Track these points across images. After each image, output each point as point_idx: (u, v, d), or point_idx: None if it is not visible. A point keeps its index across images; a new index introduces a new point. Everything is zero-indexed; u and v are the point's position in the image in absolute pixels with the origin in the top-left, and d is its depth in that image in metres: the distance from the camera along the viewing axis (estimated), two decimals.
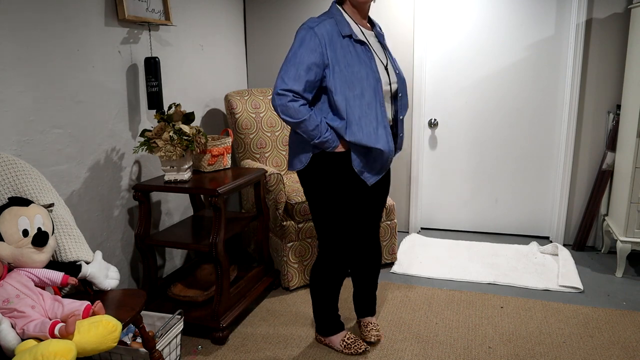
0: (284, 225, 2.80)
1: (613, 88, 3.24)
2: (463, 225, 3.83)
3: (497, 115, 3.58)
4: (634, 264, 3.19)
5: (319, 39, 1.83)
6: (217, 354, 2.28)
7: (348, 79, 1.86)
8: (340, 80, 1.86)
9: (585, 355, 2.22)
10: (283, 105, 1.85)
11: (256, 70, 3.86)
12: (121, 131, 2.53)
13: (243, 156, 3.26)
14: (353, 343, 2.27)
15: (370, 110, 1.88)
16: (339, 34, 1.88)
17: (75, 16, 2.20)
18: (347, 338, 2.28)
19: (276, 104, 1.86)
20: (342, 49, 1.87)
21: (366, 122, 1.88)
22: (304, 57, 1.83)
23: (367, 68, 1.89)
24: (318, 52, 1.83)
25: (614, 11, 3.14)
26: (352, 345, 2.26)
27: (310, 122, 1.86)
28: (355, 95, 1.86)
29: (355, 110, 1.87)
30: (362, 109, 1.87)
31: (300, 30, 1.87)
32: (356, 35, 1.91)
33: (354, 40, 1.90)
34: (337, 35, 1.87)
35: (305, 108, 1.86)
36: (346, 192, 2.00)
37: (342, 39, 1.88)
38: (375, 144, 1.89)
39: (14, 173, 1.76)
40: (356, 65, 1.87)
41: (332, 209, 2.03)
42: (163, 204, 2.88)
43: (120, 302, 1.79)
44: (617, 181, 3.15)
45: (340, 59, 1.86)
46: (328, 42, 1.85)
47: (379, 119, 1.90)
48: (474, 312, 2.61)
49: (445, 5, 3.51)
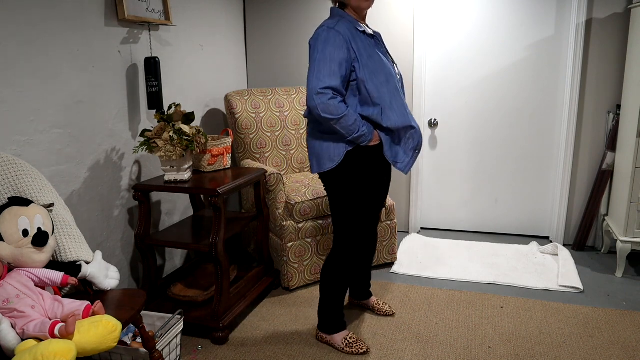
0: (284, 225, 2.80)
1: (613, 88, 3.24)
2: (463, 225, 3.83)
3: (497, 115, 3.58)
4: (634, 264, 3.19)
5: (342, 36, 1.92)
6: (217, 354, 2.28)
7: (373, 68, 1.96)
8: (368, 70, 1.96)
9: (585, 355, 2.22)
10: (324, 103, 1.90)
11: (256, 70, 3.86)
12: (121, 131, 2.53)
13: (243, 156, 3.26)
14: (355, 342, 2.27)
15: (397, 93, 2.01)
16: (356, 29, 1.99)
17: (75, 16, 2.20)
18: (350, 337, 2.29)
19: (316, 103, 1.91)
20: (362, 42, 1.98)
21: (397, 104, 2.00)
22: (333, 54, 1.91)
23: (384, 58, 2.01)
24: (345, 48, 1.92)
25: (614, 11, 3.14)
26: (354, 345, 2.26)
27: (350, 117, 1.95)
28: (381, 82, 1.97)
29: (386, 95, 1.98)
30: (391, 93, 1.99)
31: (321, 32, 1.95)
32: (367, 31, 2.04)
33: (367, 34, 2.02)
34: (355, 30, 1.98)
35: (344, 105, 1.95)
36: (373, 185, 2.11)
37: (359, 34, 1.99)
38: (411, 122, 2.02)
39: (14, 173, 1.76)
40: (375, 55, 1.99)
41: (360, 204, 2.11)
42: (163, 204, 2.88)
43: (120, 302, 1.79)
44: (617, 181, 3.15)
45: (362, 52, 1.96)
46: (351, 37, 1.95)
47: (404, 103, 2.03)
48: (474, 312, 2.61)
49: (445, 5, 3.51)
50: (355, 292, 2.63)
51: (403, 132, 2.04)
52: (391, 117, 2.00)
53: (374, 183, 2.11)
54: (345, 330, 2.32)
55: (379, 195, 2.17)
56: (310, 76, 1.92)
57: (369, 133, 2.00)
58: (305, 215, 2.82)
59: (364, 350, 2.25)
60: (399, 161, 2.08)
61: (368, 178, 2.09)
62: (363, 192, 2.10)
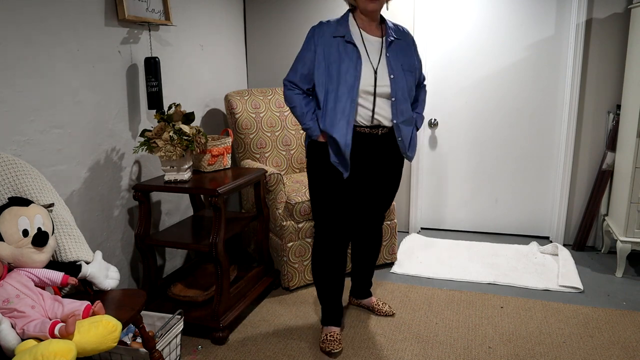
0: (284, 225, 2.80)
1: (613, 88, 3.24)
2: (463, 225, 3.83)
3: (497, 115, 3.58)
4: (634, 264, 3.19)
5: (314, 38, 2.09)
6: (217, 354, 2.28)
7: (331, 74, 2.06)
8: (324, 75, 2.08)
9: (585, 355, 2.22)
10: (284, 94, 2.17)
11: (256, 70, 3.86)
12: (121, 131, 2.53)
13: (243, 156, 3.26)
14: (329, 341, 2.27)
15: (339, 103, 2.05)
16: (331, 35, 2.08)
17: (75, 16, 2.20)
18: (331, 335, 2.29)
19: (283, 93, 2.19)
20: (332, 48, 2.07)
21: (334, 113, 2.06)
22: (301, 53, 2.13)
23: (351, 67, 2.04)
24: (311, 50, 2.09)
25: (614, 11, 3.14)
26: (327, 342, 2.27)
27: (298, 109, 2.13)
28: (332, 89, 2.06)
29: (330, 102, 2.07)
30: (334, 102, 2.06)
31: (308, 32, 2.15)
32: (350, 37, 2.07)
33: (346, 40, 2.07)
34: (330, 36, 2.08)
35: (299, 97, 2.14)
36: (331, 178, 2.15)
37: (333, 39, 2.08)
38: (331, 133, 2.06)
39: (14, 173, 1.76)
40: (341, 63, 2.05)
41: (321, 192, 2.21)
42: (163, 204, 2.88)
43: (120, 302, 1.79)
44: (617, 181, 3.15)
45: (327, 56, 2.07)
46: (322, 41, 2.07)
47: (346, 112, 2.06)
48: (474, 312, 2.61)
49: (445, 5, 3.51)
50: (354, 291, 2.64)
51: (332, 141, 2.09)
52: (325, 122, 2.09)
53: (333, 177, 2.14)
54: (335, 327, 2.33)
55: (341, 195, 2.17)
56: None
57: (314, 129, 2.12)
58: (305, 215, 2.82)
59: (329, 350, 2.24)
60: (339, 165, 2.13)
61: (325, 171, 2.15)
62: (320, 185, 2.20)
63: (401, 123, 2.15)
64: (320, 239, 2.26)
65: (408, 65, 2.15)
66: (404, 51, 2.16)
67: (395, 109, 2.11)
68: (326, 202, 2.20)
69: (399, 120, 2.14)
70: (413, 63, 2.18)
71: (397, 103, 2.11)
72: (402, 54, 2.14)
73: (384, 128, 2.15)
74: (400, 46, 2.15)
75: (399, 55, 2.13)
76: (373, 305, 2.60)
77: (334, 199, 2.18)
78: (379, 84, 2.07)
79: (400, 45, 2.16)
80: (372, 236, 2.49)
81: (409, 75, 2.15)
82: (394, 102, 2.10)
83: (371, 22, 2.13)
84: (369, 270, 2.58)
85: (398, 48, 2.14)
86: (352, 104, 2.05)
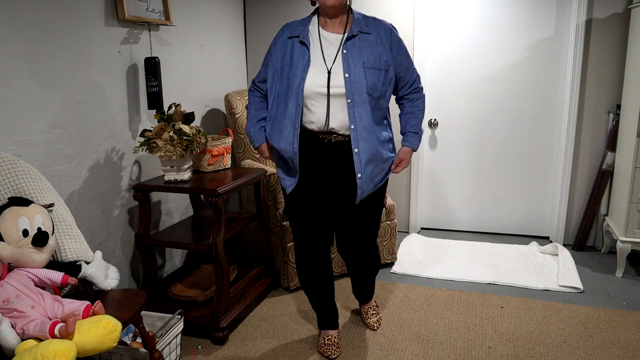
0: (284, 225, 2.80)
1: (613, 88, 3.24)
2: (463, 225, 3.83)
3: (497, 115, 3.58)
4: (634, 264, 3.19)
5: (275, 42, 2.03)
6: (217, 354, 2.28)
7: (281, 76, 1.98)
8: (273, 78, 2.01)
9: (585, 355, 2.22)
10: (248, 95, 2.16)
11: (256, 70, 3.86)
12: (121, 131, 2.53)
13: (243, 156, 3.26)
14: (327, 345, 2.25)
15: (284, 108, 1.97)
16: (288, 36, 2.01)
17: (75, 16, 2.20)
18: (328, 339, 2.27)
19: None
20: (285, 49, 1.99)
21: (281, 118, 1.98)
22: (265, 55, 2.08)
23: (299, 68, 1.94)
24: (270, 52, 2.05)
25: (614, 11, 3.14)
26: (326, 347, 2.25)
27: (248, 111, 2.12)
28: (279, 93, 1.99)
29: (277, 107, 2.00)
30: (279, 106, 1.99)
31: None
32: (305, 37, 1.97)
33: (300, 41, 1.97)
34: (286, 38, 2.01)
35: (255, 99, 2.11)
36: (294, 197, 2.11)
37: (287, 40, 2.00)
38: (276, 143, 2.01)
39: (14, 173, 1.76)
40: (292, 65, 1.96)
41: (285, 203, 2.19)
42: (163, 204, 2.88)
43: (120, 302, 1.80)
44: (617, 181, 3.15)
45: (280, 58, 1.99)
46: (280, 42, 2.02)
47: (292, 117, 1.95)
48: (474, 312, 2.61)
49: (445, 5, 3.51)
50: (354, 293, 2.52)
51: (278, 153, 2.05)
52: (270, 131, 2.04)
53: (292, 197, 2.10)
54: (332, 330, 2.30)
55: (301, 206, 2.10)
56: None
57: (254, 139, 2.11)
58: None
59: (328, 355, 2.23)
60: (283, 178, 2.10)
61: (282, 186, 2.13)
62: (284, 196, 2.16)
63: (361, 130, 1.92)
64: (297, 249, 2.22)
65: (373, 61, 1.91)
66: (369, 46, 1.92)
67: (352, 112, 1.90)
68: (290, 213, 2.17)
69: (357, 126, 1.92)
70: (382, 58, 1.93)
71: (355, 105, 1.90)
72: (366, 50, 1.91)
73: (339, 135, 1.96)
74: (365, 41, 1.93)
75: (361, 51, 1.91)
76: (362, 312, 2.52)
77: (296, 210, 2.14)
78: (332, 84, 1.89)
79: (365, 39, 1.93)
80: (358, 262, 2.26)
81: (373, 73, 1.91)
82: (350, 104, 1.90)
83: (333, 18, 1.95)
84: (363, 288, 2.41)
85: (362, 43, 1.92)
86: (297, 108, 1.92)
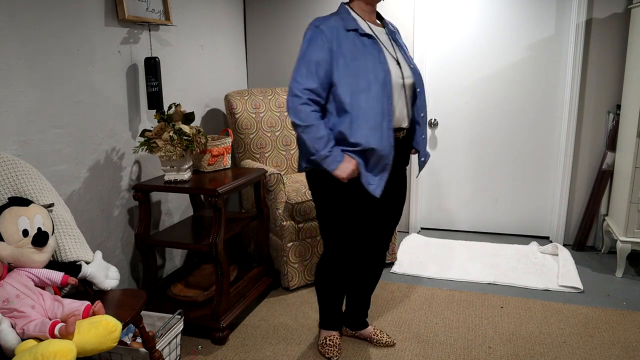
0: (284, 225, 2.80)
1: (613, 88, 3.24)
2: (463, 225, 3.83)
3: (497, 115, 3.58)
4: (634, 264, 3.19)
5: (325, 34, 1.82)
6: (217, 354, 2.28)
7: (354, 72, 1.81)
8: (346, 73, 1.82)
9: (585, 355, 2.22)
10: (295, 107, 1.82)
11: (256, 70, 3.86)
12: (121, 131, 2.53)
13: (243, 156, 3.26)
14: (329, 346, 2.23)
15: (377, 104, 1.82)
16: (344, 28, 1.86)
17: (75, 16, 2.20)
18: (330, 339, 2.25)
19: (290, 106, 1.83)
20: (347, 43, 1.84)
21: (372, 114, 1.81)
22: (312, 54, 1.82)
23: (374, 60, 1.84)
24: (326, 48, 1.82)
25: (614, 11, 3.14)
26: (327, 347, 2.23)
27: (314, 131, 1.81)
28: (361, 89, 1.81)
29: (361, 103, 1.81)
30: (368, 102, 1.81)
31: (307, 30, 1.87)
32: (362, 30, 1.88)
33: (360, 33, 1.87)
34: (342, 30, 1.85)
35: (316, 115, 1.82)
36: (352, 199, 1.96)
37: (347, 33, 1.85)
38: (379, 142, 1.82)
39: (14, 173, 1.76)
40: (362, 58, 1.83)
41: (337, 213, 1.99)
42: (163, 204, 2.88)
43: (120, 302, 1.80)
44: (617, 181, 3.15)
45: (345, 53, 1.83)
46: (334, 37, 1.83)
47: (385, 113, 1.83)
48: (474, 312, 2.61)
49: (445, 5, 3.51)
50: (350, 321, 2.36)
51: (369, 153, 1.85)
52: (357, 132, 1.81)
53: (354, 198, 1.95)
54: (335, 331, 2.28)
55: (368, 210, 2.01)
56: (292, 75, 1.86)
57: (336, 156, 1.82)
58: (305, 215, 2.81)
59: (329, 357, 2.21)
60: (371, 183, 1.90)
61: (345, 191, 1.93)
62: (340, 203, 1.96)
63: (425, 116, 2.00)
64: (331, 260, 2.10)
65: None
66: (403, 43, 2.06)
67: (422, 100, 1.97)
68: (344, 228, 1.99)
69: (425, 115, 2.00)
70: None
71: (423, 93, 1.96)
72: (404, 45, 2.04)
73: (403, 130, 1.96)
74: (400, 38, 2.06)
75: (404, 46, 2.02)
76: (371, 336, 2.34)
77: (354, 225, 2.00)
78: (405, 76, 1.91)
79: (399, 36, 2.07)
80: (378, 260, 2.25)
81: None
82: (419, 92, 1.95)
83: (372, 12, 1.95)
84: (367, 298, 2.34)
85: (400, 39, 2.05)
86: (389, 101, 1.83)
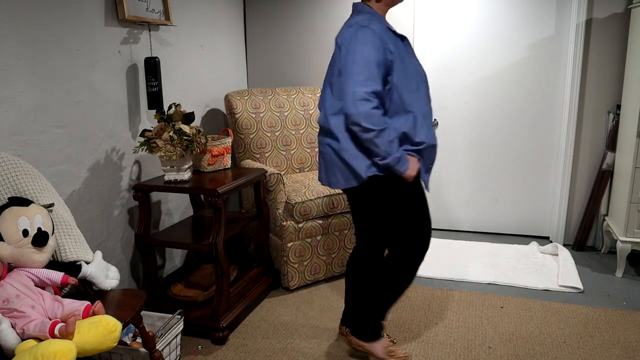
0: (284, 225, 2.80)
1: (613, 88, 3.24)
2: (463, 225, 3.83)
3: (497, 115, 3.58)
4: (634, 264, 3.19)
5: (377, 35, 1.72)
6: (217, 354, 2.28)
7: (405, 72, 1.78)
8: (401, 74, 1.76)
9: (585, 355, 2.22)
10: (367, 112, 1.69)
11: (256, 70, 3.86)
12: (121, 131, 2.53)
13: (243, 156, 3.26)
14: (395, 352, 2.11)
15: (428, 105, 1.84)
16: (387, 29, 1.79)
17: (75, 16, 2.20)
18: (388, 346, 2.13)
19: (359, 110, 1.69)
20: (395, 43, 1.78)
21: (428, 116, 1.82)
22: (371, 55, 1.71)
23: (415, 61, 1.83)
24: (382, 49, 1.72)
25: (614, 11, 3.14)
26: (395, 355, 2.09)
27: (391, 132, 1.74)
28: (412, 90, 1.77)
29: (416, 103, 1.78)
30: (421, 103, 1.80)
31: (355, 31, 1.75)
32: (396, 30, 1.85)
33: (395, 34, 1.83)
34: (388, 30, 1.79)
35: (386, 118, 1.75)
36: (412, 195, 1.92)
37: (392, 34, 1.80)
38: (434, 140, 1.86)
39: (14, 173, 1.76)
40: (407, 58, 1.80)
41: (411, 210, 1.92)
42: (163, 204, 2.88)
43: (120, 302, 1.80)
44: (617, 181, 3.15)
45: (396, 53, 1.76)
46: (385, 37, 1.75)
47: (430, 112, 1.88)
48: (474, 312, 2.61)
49: (445, 6, 3.51)
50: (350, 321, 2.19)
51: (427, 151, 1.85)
52: (420, 131, 1.80)
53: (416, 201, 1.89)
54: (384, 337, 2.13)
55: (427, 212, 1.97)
56: (347, 80, 1.70)
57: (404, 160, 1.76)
58: (305, 215, 2.82)
59: (401, 356, 2.11)
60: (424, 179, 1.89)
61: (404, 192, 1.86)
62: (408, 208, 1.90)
63: None
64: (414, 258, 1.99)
65: None
66: None
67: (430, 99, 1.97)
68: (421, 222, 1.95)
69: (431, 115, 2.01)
70: None
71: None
72: None
73: None
74: None
75: None
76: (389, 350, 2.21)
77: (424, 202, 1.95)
78: None
79: None
80: None
81: None
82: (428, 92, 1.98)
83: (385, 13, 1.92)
84: None
85: None
86: (429, 101, 1.87)
